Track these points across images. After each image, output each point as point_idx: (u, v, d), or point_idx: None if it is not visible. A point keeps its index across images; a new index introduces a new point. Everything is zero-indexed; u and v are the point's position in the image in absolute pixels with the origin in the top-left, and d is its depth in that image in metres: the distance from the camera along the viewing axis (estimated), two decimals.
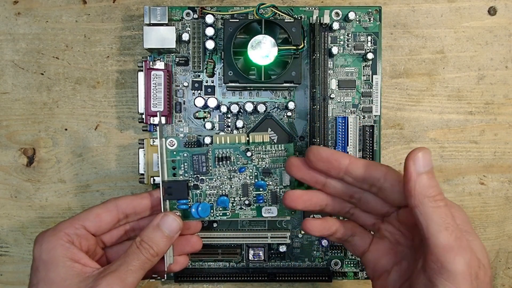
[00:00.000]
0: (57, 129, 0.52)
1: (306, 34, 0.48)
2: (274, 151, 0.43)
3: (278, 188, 0.44)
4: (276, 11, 0.46)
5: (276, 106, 0.50)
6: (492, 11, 0.52)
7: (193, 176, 0.43)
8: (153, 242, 0.39)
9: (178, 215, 0.41)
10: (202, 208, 0.43)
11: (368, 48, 0.50)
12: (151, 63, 0.47)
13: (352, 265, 0.51)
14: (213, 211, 0.44)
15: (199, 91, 0.50)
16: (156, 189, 0.44)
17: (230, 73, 0.46)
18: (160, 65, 0.48)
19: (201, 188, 0.43)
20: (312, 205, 0.41)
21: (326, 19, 0.48)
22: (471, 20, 0.52)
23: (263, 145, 0.43)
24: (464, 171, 0.52)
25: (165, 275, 0.47)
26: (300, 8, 0.49)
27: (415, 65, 0.52)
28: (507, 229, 0.53)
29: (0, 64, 0.51)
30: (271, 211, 0.44)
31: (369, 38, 0.50)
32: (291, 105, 0.49)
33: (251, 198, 0.44)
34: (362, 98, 0.50)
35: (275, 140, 0.50)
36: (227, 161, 0.43)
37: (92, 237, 0.41)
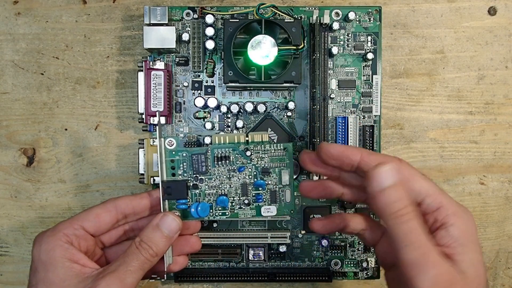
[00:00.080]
0: (57, 129, 0.52)
1: (306, 34, 0.48)
2: (273, 151, 0.43)
3: (277, 188, 0.44)
4: (276, 11, 0.46)
5: (276, 106, 0.50)
6: (492, 11, 0.52)
7: (192, 176, 0.43)
8: (152, 242, 0.39)
9: (177, 215, 0.41)
10: (202, 208, 0.43)
11: (368, 48, 0.50)
12: (151, 63, 0.47)
13: (352, 265, 0.51)
14: (212, 210, 0.44)
15: (199, 91, 0.50)
16: (155, 189, 0.44)
17: (230, 73, 0.46)
18: (160, 65, 0.48)
19: (200, 187, 0.43)
20: (328, 194, 0.42)
21: (326, 19, 0.48)
22: (471, 20, 0.52)
23: (262, 145, 0.43)
24: (464, 171, 0.52)
25: (165, 275, 0.47)
26: (300, 8, 0.49)
27: (415, 65, 0.52)
28: (507, 229, 0.53)
29: (0, 64, 0.51)
30: (270, 210, 0.44)
31: (369, 38, 0.50)
32: (291, 105, 0.49)
33: (250, 198, 0.44)
34: (362, 98, 0.50)
35: (275, 140, 0.50)
36: (226, 161, 0.43)
37: (91, 237, 0.41)
